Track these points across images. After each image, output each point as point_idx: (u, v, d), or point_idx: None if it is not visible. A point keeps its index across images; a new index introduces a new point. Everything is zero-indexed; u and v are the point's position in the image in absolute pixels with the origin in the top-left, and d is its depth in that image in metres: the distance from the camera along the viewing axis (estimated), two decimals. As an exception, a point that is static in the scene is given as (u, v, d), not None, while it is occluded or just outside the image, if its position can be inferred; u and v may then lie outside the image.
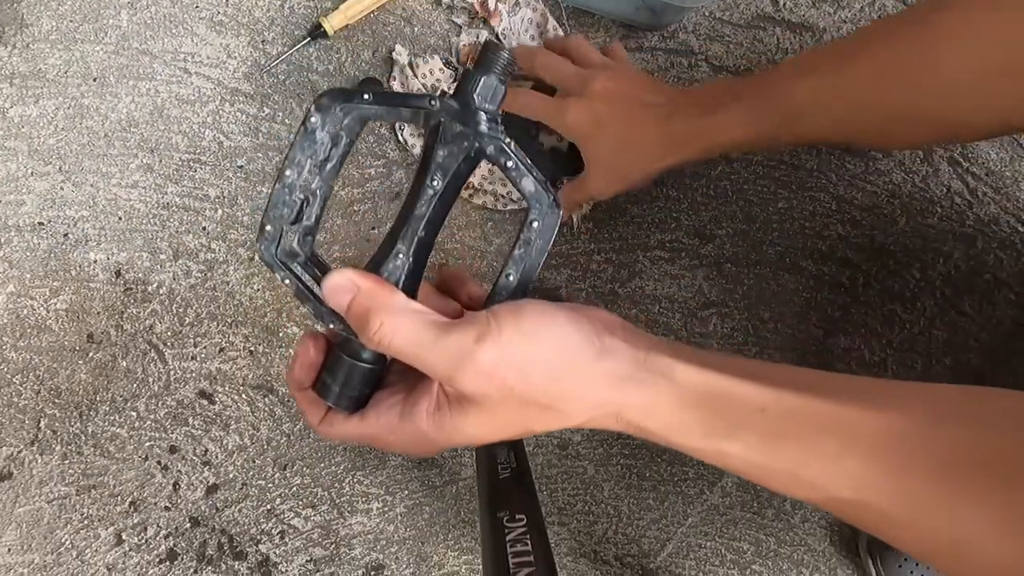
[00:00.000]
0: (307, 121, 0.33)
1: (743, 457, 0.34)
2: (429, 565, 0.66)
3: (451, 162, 0.33)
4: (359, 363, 0.34)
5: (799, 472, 0.33)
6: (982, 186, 0.68)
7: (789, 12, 0.70)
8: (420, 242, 0.34)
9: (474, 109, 0.33)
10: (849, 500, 0.33)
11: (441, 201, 0.34)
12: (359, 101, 0.33)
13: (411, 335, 0.32)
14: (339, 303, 0.34)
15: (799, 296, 0.68)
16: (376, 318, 0.33)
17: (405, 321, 0.33)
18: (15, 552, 0.65)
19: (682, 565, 0.66)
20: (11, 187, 0.67)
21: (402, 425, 0.35)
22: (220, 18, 0.69)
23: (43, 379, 0.66)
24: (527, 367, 0.33)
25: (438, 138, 0.33)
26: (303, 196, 0.34)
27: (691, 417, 0.34)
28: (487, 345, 0.32)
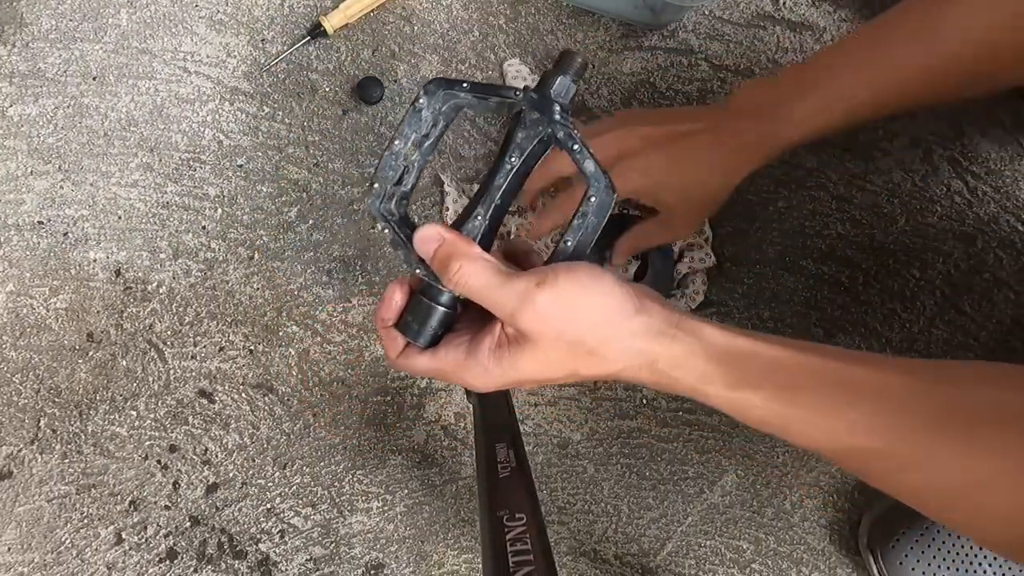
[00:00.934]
0: (416, 102, 0.41)
1: (763, 405, 0.39)
2: (429, 564, 0.66)
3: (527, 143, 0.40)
4: (437, 305, 0.41)
5: (814, 419, 0.38)
6: (982, 185, 0.68)
7: (789, 11, 0.70)
8: (496, 208, 0.41)
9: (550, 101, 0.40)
10: (861, 447, 0.37)
11: (516, 175, 0.41)
12: (458, 88, 0.41)
13: (483, 277, 0.39)
14: (427, 250, 0.41)
15: (799, 295, 0.68)
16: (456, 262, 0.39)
17: (479, 266, 0.39)
18: (15, 551, 0.65)
19: (682, 564, 0.67)
20: (11, 186, 0.67)
21: (467, 360, 0.41)
22: (220, 17, 0.69)
23: (43, 378, 0.66)
24: (577, 312, 0.38)
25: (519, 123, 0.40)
26: (405, 164, 0.42)
27: (717, 369, 0.39)
28: (545, 290, 0.38)
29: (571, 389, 0.67)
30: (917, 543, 0.61)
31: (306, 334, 0.67)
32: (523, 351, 0.39)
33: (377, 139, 0.68)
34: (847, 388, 0.38)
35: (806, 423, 0.38)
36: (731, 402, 0.40)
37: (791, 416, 0.39)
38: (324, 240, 0.68)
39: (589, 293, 0.39)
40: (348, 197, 0.68)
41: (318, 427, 0.67)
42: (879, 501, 0.65)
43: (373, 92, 0.67)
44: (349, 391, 0.67)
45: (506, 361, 0.40)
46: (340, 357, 0.67)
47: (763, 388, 0.39)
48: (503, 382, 0.41)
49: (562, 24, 0.69)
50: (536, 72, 0.68)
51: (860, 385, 0.38)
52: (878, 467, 0.38)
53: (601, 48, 0.69)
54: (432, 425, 0.67)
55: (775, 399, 0.39)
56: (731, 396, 0.40)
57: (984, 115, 0.68)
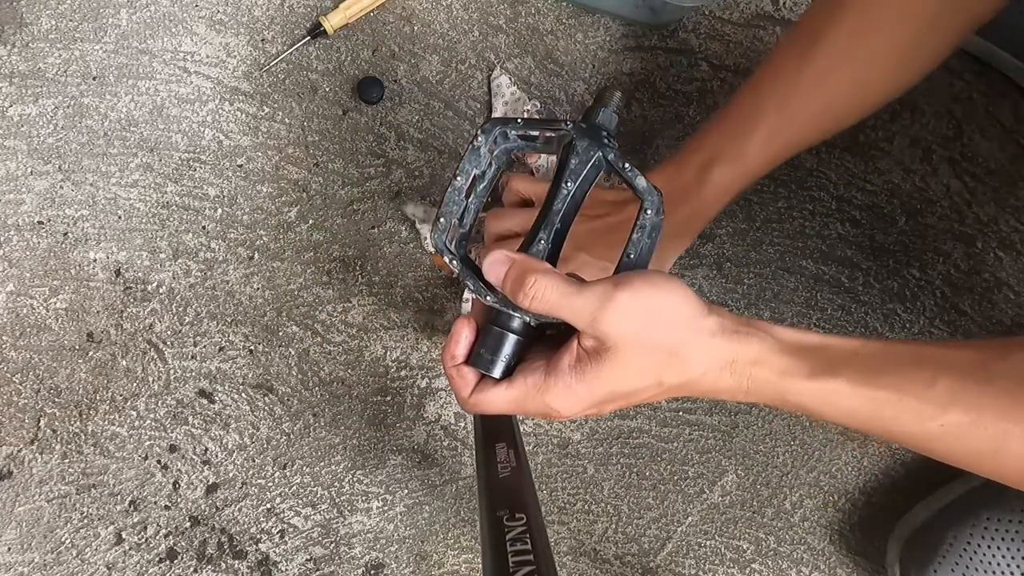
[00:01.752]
0: (474, 140, 0.44)
1: (850, 391, 0.38)
2: (429, 564, 0.66)
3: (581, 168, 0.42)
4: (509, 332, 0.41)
5: (902, 400, 0.38)
6: (981, 186, 0.68)
7: (789, 11, 0.70)
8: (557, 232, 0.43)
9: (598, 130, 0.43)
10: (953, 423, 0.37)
11: (572, 200, 0.43)
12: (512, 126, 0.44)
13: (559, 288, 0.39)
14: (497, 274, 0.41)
15: (799, 295, 0.68)
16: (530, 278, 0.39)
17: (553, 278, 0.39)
18: (15, 551, 0.65)
19: (682, 564, 0.67)
20: (10, 186, 0.67)
21: (547, 381, 0.40)
22: (220, 17, 0.69)
23: (43, 378, 0.66)
24: (655, 313, 0.38)
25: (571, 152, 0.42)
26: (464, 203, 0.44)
27: (795, 362, 0.39)
28: (624, 290, 0.38)
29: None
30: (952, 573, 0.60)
31: (306, 334, 0.67)
32: (605, 361, 0.39)
33: (377, 139, 0.68)
34: (927, 365, 0.38)
35: (895, 405, 0.38)
36: (817, 394, 0.39)
37: (880, 399, 0.38)
38: (324, 240, 0.68)
39: (665, 294, 0.39)
40: (348, 197, 0.68)
41: (318, 427, 0.67)
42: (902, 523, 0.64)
43: (373, 92, 0.67)
44: (349, 391, 0.67)
45: (589, 374, 0.39)
46: (340, 357, 0.67)
47: (845, 374, 0.38)
48: (589, 400, 0.40)
49: (562, 24, 0.69)
50: (516, 84, 0.68)
51: (939, 361, 0.38)
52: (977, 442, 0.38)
53: (601, 48, 0.69)
54: (432, 425, 0.67)
55: (860, 383, 0.38)
56: (815, 387, 0.39)
57: (984, 115, 0.68)
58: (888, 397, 0.38)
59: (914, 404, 0.38)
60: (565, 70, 0.69)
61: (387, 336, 0.67)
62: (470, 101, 0.69)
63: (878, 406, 0.38)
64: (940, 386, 0.37)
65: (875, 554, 0.66)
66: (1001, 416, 0.37)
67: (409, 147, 0.68)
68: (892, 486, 0.67)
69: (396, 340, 0.67)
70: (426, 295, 0.68)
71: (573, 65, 0.69)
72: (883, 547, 0.66)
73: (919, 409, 0.38)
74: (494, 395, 0.42)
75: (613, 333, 0.38)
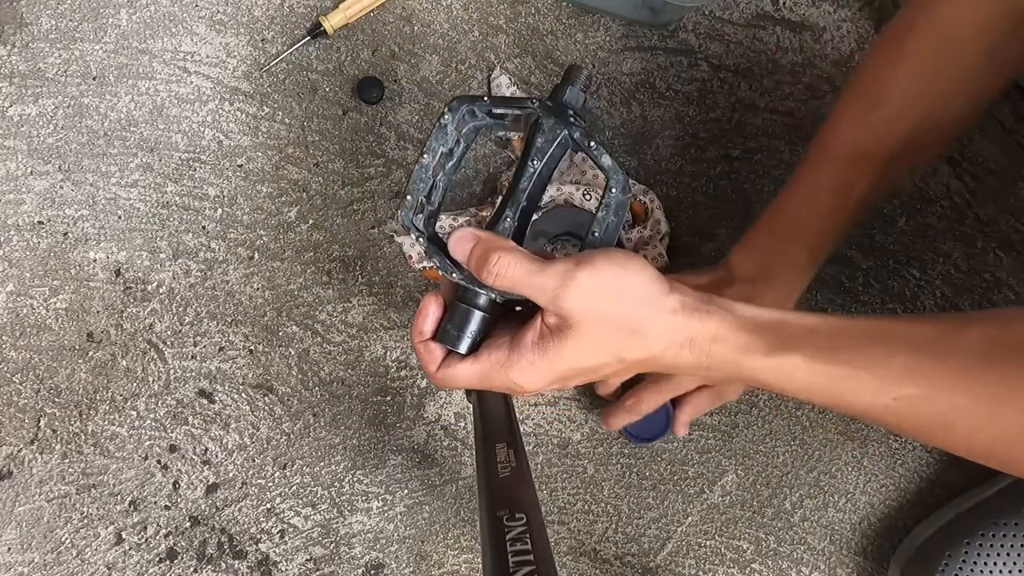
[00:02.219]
0: (441, 118, 0.43)
1: (805, 366, 0.38)
2: (429, 564, 0.66)
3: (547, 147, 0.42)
4: (475, 309, 0.42)
5: (858, 375, 0.38)
6: (982, 186, 0.68)
7: (789, 11, 0.70)
8: (523, 210, 0.43)
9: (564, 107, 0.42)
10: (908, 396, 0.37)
11: (539, 178, 0.43)
12: (479, 104, 0.44)
13: (521, 265, 0.39)
14: (463, 251, 0.41)
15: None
16: (494, 255, 0.40)
17: (517, 255, 0.40)
18: (15, 551, 0.65)
19: (682, 564, 0.67)
20: (10, 186, 0.67)
21: (510, 357, 0.41)
22: (220, 17, 0.69)
23: (43, 378, 0.66)
24: (617, 290, 0.39)
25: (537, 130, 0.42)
26: (431, 181, 0.44)
27: (754, 338, 0.39)
28: (585, 268, 0.38)
29: (571, 389, 0.67)
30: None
31: (306, 334, 0.67)
32: (567, 337, 0.39)
33: (377, 139, 0.68)
34: (884, 340, 0.39)
35: (851, 380, 0.38)
36: (774, 370, 0.39)
37: (836, 374, 0.38)
38: (324, 240, 0.68)
39: (627, 272, 0.40)
40: (348, 197, 0.68)
41: (318, 427, 0.67)
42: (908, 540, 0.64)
43: (373, 92, 0.67)
44: (349, 391, 0.67)
45: (551, 350, 0.40)
46: (340, 357, 0.67)
47: (802, 351, 0.39)
48: (551, 376, 0.41)
49: (562, 24, 0.69)
50: (516, 84, 0.68)
51: (896, 336, 0.39)
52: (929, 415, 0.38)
53: (601, 48, 0.69)
54: (432, 425, 0.67)
55: (817, 359, 0.38)
56: (773, 363, 0.39)
57: (984, 115, 0.68)
58: (844, 372, 0.38)
59: (869, 379, 0.38)
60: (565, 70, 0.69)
61: (387, 336, 0.67)
62: (470, 101, 0.69)
63: (834, 381, 0.39)
64: (895, 361, 0.38)
65: (875, 554, 0.66)
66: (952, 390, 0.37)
67: (409, 147, 0.68)
68: (892, 485, 0.67)
69: (396, 340, 0.67)
70: (426, 295, 0.68)
71: (573, 65, 0.69)
72: (883, 547, 0.66)
73: (874, 384, 0.38)
74: (460, 370, 0.43)
75: (574, 310, 0.39)
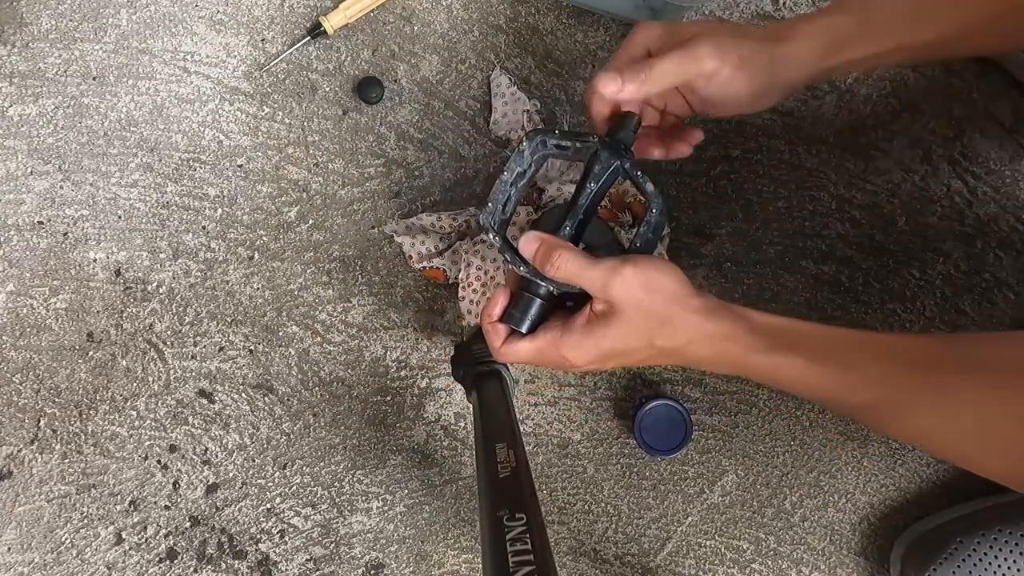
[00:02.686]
0: (520, 145, 0.52)
1: (803, 365, 0.45)
2: (429, 564, 0.66)
3: (602, 173, 0.50)
4: (536, 298, 0.50)
5: (843, 374, 0.45)
6: (982, 185, 0.68)
7: (789, 11, 0.70)
8: (580, 222, 0.51)
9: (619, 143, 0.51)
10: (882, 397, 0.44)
11: (595, 196, 0.51)
12: (551, 135, 0.52)
13: (578, 262, 0.47)
14: (531, 249, 0.49)
15: (799, 295, 0.68)
16: (556, 252, 0.47)
17: (574, 254, 0.47)
18: (15, 551, 0.65)
19: (682, 564, 0.67)
20: (11, 186, 0.67)
21: (563, 337, 0.48)
22: (220, 17, 0.69)
23: (43, 378, 0.66)
24: (654, 285, 0.46)
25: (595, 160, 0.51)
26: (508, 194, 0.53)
27: (760, 340, 0.46)
28: (630, 265, 0.46)
29: (571, 389, 0.67)
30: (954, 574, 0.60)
31: (306, 334, 0.67)
32: (610, 322, 0.46)
33: (377, 139, 0.68)
34: (870, 348, 0.46)
35: (836, 378, 0.45)
36: (773, 366, 0.46)
37: (823, 373, 0.45)
38: (324, 240, 0.68)
39: (663, 273, 0.47)
40: (348, 197, 0.68)
41: (318, 427, 0.67)
42: (910, 528, 0.65)
43: (373, 92, 0.67)
44: (349, 391, 0.67)
45: (597, 332, 0.47)
46: (340, 357, 0.67)
47: (799, 352, 0.46)
48: (595, 352, 0.47)
49: (562, 24, 0.69)
50: (516, 84, 0.68)
51: (881, 344, 0.46)
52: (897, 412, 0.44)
53: (601, 48, 0.69)
54: (432, 425, 0.67)
55: (810, 360, 0.45)
56: (773, 361, 0.46)
57: (984, 115, 0.68)
58: (830, 373, 0.45)
59: (852, 379, 0.45)
60: (565, 70, 0.69)
61: (387, 336, 0.67)
62: (470, 101, 0.69)
63: (825, 380, 0.45)
64: (876, 366, 0.44)
65: (875, 554, 0.66)
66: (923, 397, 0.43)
67: (409, 147, 0.68)
68: (892, 485, 0.67)
69: (396, 340, 0.67)
70: (426, 295, 0.68)
71: (573, 65, 0.69)
72: (883, 547, 0.66)
73: (855, 384, 0.45)
74: (520, 346, 0.50)
75: (618, 298, 0.46)
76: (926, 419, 0.44)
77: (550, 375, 0.67)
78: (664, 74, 0.48)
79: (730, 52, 0.47)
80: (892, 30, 0.50)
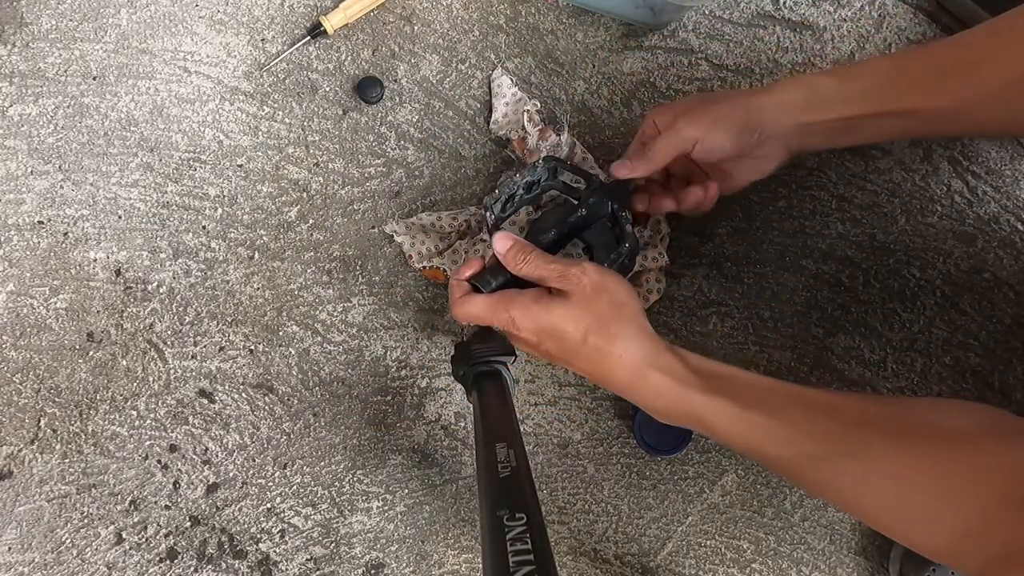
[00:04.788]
0: (536, 164, 0.60)
1: (732, 411, 0.46)
2: (429, 564, 0.66)
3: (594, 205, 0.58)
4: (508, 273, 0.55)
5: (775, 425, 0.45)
6: (982, 185, 0.68)
7: (789, 11, 0.70)
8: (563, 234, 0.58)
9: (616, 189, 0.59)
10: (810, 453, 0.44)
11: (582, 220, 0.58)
12: (562, 166, 0.61)
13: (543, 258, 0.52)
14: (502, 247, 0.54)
15: (799, 295, 0.68)
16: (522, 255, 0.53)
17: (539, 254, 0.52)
18: (15, 551, 0.65)
19: (682, 564, 0.67)
20: (11, 186, 0.67)
21: (515, 299, 0.51)
22: (220, 17, 0.69)
23: (43, 378, 0.66)
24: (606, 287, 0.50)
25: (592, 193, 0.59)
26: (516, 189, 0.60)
27: (695, 378, 0.48)
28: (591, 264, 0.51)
29: (571, 389, 0.67)
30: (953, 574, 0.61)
31: (306, 334, 0.67)
32: (559, 301, 0.50)
33: (377, 139, 0.68)
34: (802, 401, 0.46)
35: (767, 429, 0.45)
36: (705, 406, 0.47)
37: (755, 422, 0.45)
38: (324, 240, 0.68)
39: (619, 285, 0.50)
40: (348, 197, 0.68)
41: (318, 427, 0.67)
42: None
43: (373, 92, 0.67)
44: (349, 391, 0.67)
45: (545, 302, 0.50)
46: (340, 357, 0.67)
47: (729, 397, 0.46)
48: (537, 324, 0.50)
49: (562, 24, 0.69)
50: (516, 84, 0.68)
51: (814, 400, 0.46)
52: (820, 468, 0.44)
53: (601, 48, 0.69)
54: (432, 425, 0.67)
55: (740, 406, 0.46)
56: (704, 401, 0.47)
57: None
58: (762, 423, 0.45)
59: (782, 430, 0.45)
60: (565, 70, 0.69)
61: (387, 336, 0.67)
62: (470, 101, 0.69)
63: (752, 428, 0.46)
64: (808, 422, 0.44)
65: (875, 554, 0.66)
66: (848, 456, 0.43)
67: (409, 147, 0.68)
68: (892, 486, 0.67)
69: (396, 340, 0.67)
70: (426, 295, 0.68)
71: (573, 65, 0.69)
72: (883, 547, 0.66)
73: (785, 436, 0.45)
74: (475, 300, 0.53)
75: (573, 287, 0.50)
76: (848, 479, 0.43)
77: (551, 375, 0.67)
78: (659, 154, 0.56)
79: (703, 118, 0.54)
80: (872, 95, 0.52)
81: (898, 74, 0.52)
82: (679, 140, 0.55)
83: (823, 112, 0.53)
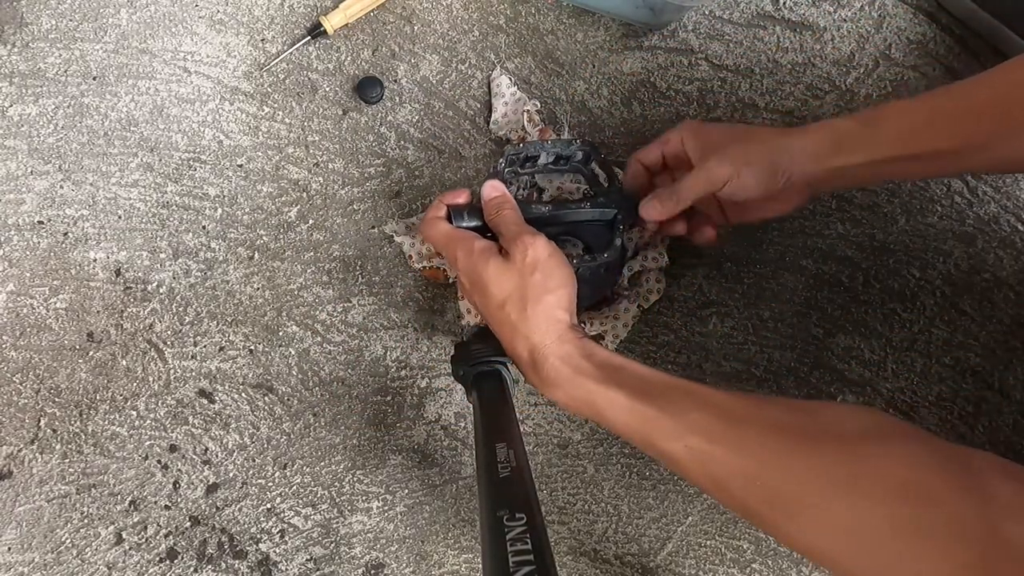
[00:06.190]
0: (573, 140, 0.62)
1: (625, 401, 0.47)
2: (429, 564, 0.66)
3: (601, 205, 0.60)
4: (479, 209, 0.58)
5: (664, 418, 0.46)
6: (982, 185, 0.68)
7: (789, 11, 0.70)
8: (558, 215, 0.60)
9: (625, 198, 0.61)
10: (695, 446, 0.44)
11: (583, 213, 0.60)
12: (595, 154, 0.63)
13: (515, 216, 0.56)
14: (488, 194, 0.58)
15: (799, 295, 0.68)
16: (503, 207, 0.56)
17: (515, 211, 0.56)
18: (15, 551, 0.65)
19: (682, 564, 0.67)
20: (11, 186, 0.67)
21: (468, 241, 0.55)
22: (220, 17, 0.69)
23: (43, 378, 0.66)
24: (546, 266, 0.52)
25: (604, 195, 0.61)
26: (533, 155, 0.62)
27: (591, 368, 0.50)
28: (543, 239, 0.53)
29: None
30: None
31: (306, 334, 0.67)
32: (497, 260, 0.53)
33: (377, 139, 0.68)
34: (691, 397, 0.47)
35: (655, 421, 0.46)
36: (600, 396, 0.48)
37: (646, 414, 0.47)
38: (324, 240, 0.68)
39: (560, 272, 0.52)
40: (348, 197, 0.68)
41: (318, 427, 0.67)
42: None
43: (373, 92, 0.67)
44: (349, 391, 0.67)
45: (487, 255, 0.53)
46: (340, 357, 0.67)
47: (624, 388, 0.48)
48: (473, 268, 0.53)
49: (562, 24, 0.69)
50: (516, 84, 0.68)
51: (708, 398, 0.46)
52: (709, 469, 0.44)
53: (601, 48, 0.69)
54: (432, 425, 0.67)
55: (631, 396, 0.47)
56: (600, 390, 0.48)
57: (984, 115, 0.68)
58: (651, 414, 0.46)
59: (669, 424, 0.46)
60: (565, 70, 0.69)
61: (387, 336, 0.67)
62: (470, 101, 0.69)
63: (643, 420, 0.47)
64: (697, 415, 0.45)
65: (875, 554, 0.66)
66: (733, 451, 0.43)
67: (409, 147, 0.68)
68: (892, 486, 0.67)
69: (396, 340, 0.67)
70: (426, 295, 0.68)
71: (573, 65, 0.69)
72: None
73: (672, 429, 0.45)
74: (440, 226, 0.57)
75: (516, 253, 0.52)
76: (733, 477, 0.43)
77: (550, 375, 0.67)
78: (690, 194, 0.56)
79: (736, 159, 0.54)
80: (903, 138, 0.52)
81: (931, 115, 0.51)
82: (710, 181, 0.55)
83: (848, 156, 0.53)
